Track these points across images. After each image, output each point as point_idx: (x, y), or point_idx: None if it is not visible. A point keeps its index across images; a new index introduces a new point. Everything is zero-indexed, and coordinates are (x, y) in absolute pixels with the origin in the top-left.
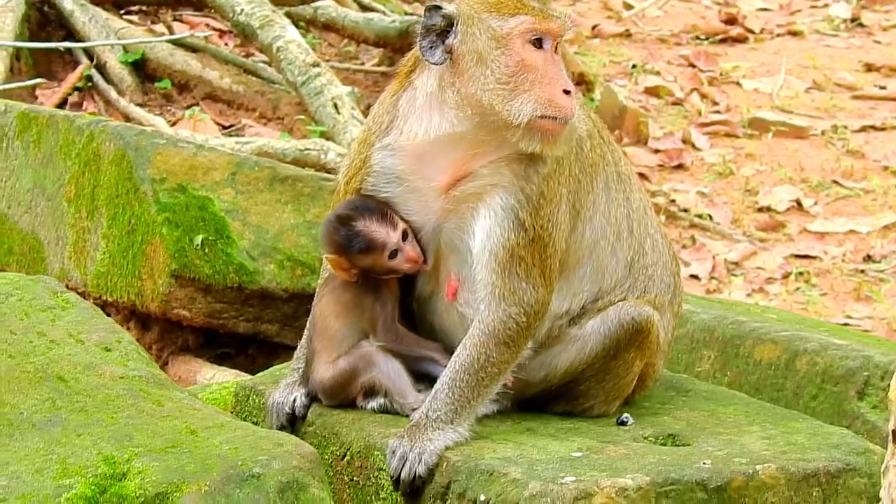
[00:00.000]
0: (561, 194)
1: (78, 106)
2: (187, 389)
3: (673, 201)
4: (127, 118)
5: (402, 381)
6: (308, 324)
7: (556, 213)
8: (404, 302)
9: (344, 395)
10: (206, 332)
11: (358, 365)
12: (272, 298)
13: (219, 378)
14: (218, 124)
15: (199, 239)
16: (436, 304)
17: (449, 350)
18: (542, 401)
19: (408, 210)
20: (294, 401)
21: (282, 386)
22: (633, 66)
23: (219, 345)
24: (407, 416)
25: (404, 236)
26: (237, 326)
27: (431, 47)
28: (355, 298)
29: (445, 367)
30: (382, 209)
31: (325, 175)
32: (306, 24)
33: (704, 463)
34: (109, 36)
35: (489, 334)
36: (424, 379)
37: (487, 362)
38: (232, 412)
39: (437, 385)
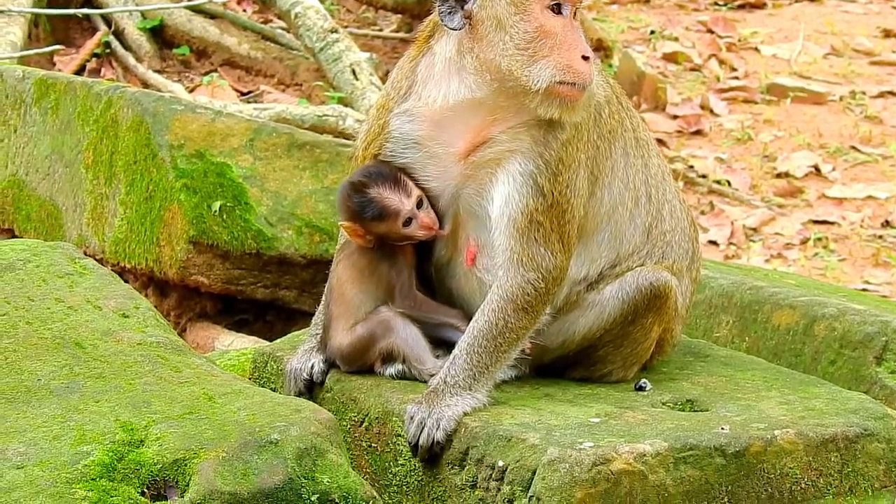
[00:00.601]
0: (579, 160)
1: (96, 72)
2: (205, 356)
3: (691, 167)
4: (145, 84)
5: (420, 346)
6: (325, 290)
7: (574, 179)
8: (422, 268)
9: (362, 361)
10: (223, 299)
11: (376, 331)
12: (290, 265)
13: (237, 344)
14: (236, 90)
15: (216, 205)
16: (454, 269)
17: (467, 316)
18: (560, 366)
19: (426, 176)
20: (312, 367)
21: (300, 352)
22: (652, 33)
23: (237, 311)
24: (425, 382)
25: (419, 203)
26: (255, 293)
27: (450, 12)
28: (371, 265)
29: (464, 333)
30: (396, 176)
31: (343, 141)
32: None
33: (723, 428)
34: (127, 2)
35: (507, 300)
36: (443, 345)
37: (505, 328)
38: (250, 379)
39: (456, 351)
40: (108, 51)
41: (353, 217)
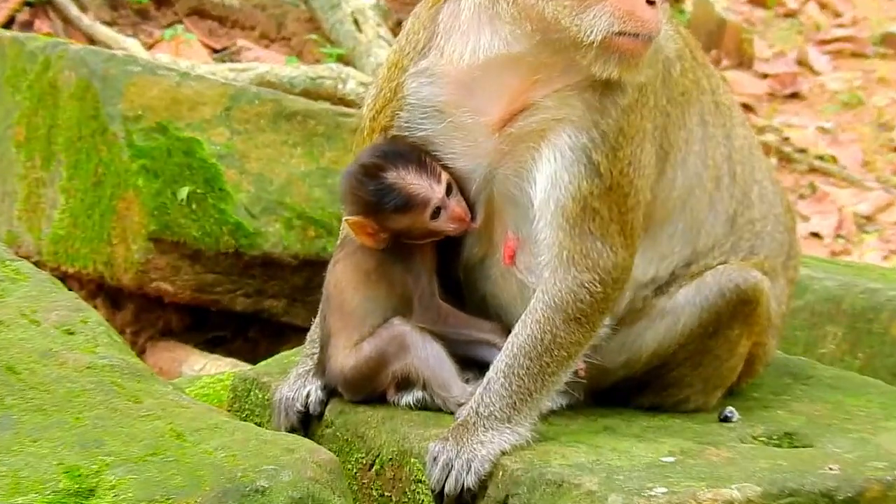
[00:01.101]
0: (644, 131)
1: (29, 25)
2: (171, 382)
3: (786, 139)
4: (91, 40)
5: (445, 368)
6: (322, 299)
7: (638, 155)
8: (447, 270)
9: (371, 387)
10: (193, 311)
11: (387, 349)
12: (278, 267)
13: (211, 369)
14: (207, 47)
15: (184, 192)
16: (488, 270)
17: (506, 329)
18: (623, 392)
19: (452, 153)
20: (307, 395)
21: (292, 377)
22: None
23: (210, 327)
24: (452, 413)
25: (448, 189)
26: (234, 303)
27: None
28: (381, 267)
29: (500, 350)
30: (420, 155)
31: (344, 109)
32: None
33: (830, 468)
34: None
35: (555, 308)
36: (474, 366)
37: (553, 344)
38: (229, 410)
39: (490, 373)
40: None
41: (367, 210)
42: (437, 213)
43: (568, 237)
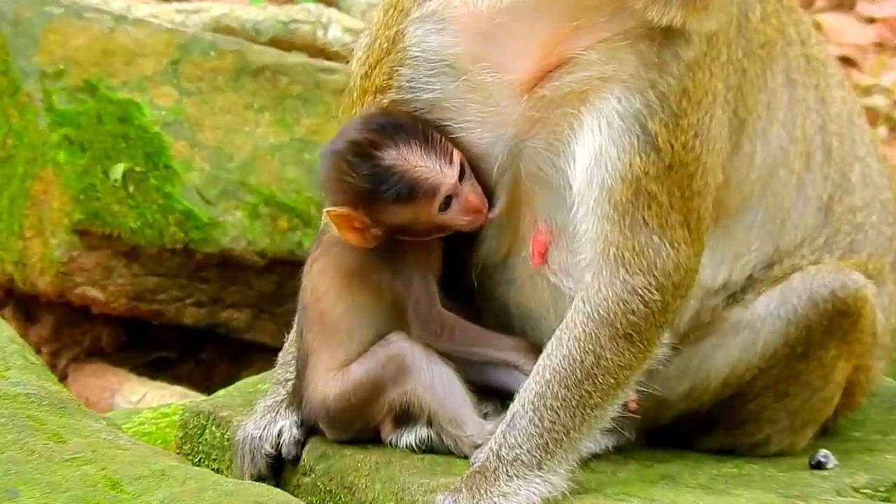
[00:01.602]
0: (715, 93)
1: None
2: (104, 417)
3: None
4: None
5: (457, 398)
6: (298, 309)
7: (707, 124)
8: (457, 271)
9: (361, 422)
10: (129, 325)
11: (383, 373)
12: (240, 268)
13: (153, 399)
14: None
15: (118, 170)
16: (512, 272)
17: (533, 348)
18: (686, 431)
19: (466, 121)
20: (279, 434)
21: (259, 411)
22: None
23: (152, 345)
24: (466, 456)
25: (461, 173)
26: (182, 315)
27: None
28: (363, 269)
29: (528, 375)
30: (425, 129)
31: (326, 64)
32: None
33: None
34: None
35: (600, 321)
36: (493, 396)
37: (597, 367)
38: (178, 452)
39: (516, 406)
40: None
41: (358, 200)
42: (447, 203)
43: (616, 229)
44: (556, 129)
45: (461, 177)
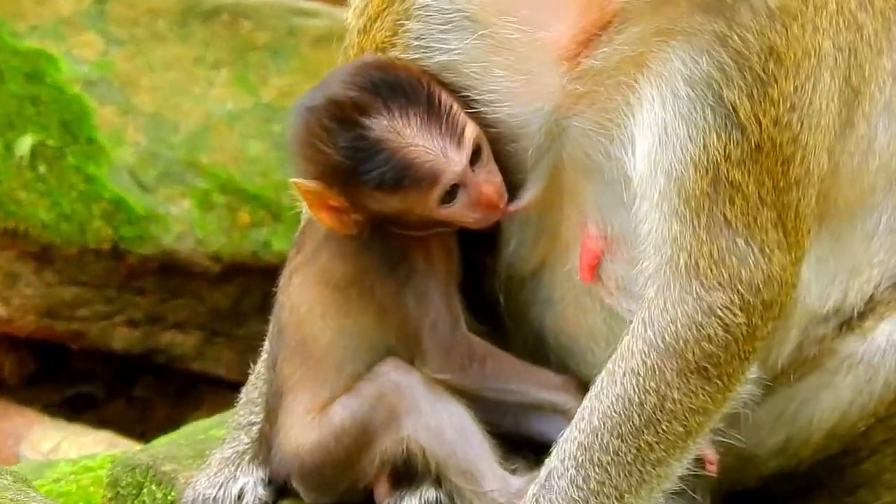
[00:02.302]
0: (818, 52)
1: None
2: (10, 470)
3: None
4: None
5: (472, 444)
6: (270, 333)
7: (808, 94)
8: (478, 285)
9: (347, 481)
10: (40, 351)
11: (371, 417)
12: (187, 276)
13: (71, 449)
14: None
15: (25, 145)
16: (550, 290)
17: (582, 386)
18: (778, 495)
19: (490, 91)
20: (241, 495)
21: (214, 464)
22: None
23: (69, 377)
24: None
25: (475, 156)
26: (109, 338)
27: None
28: (362, 279)
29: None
30: (434, 94)
31: (304, 6)
32: None
33: None
34: None
35: (665, 351)
36: (525, 449)
37: (660, 411)
38: None
39: (553, 461)
40: None
41: (333, 176)
42: (451, 194)
43: (688, 230)
44: (608, 106)
45: (474, 161)
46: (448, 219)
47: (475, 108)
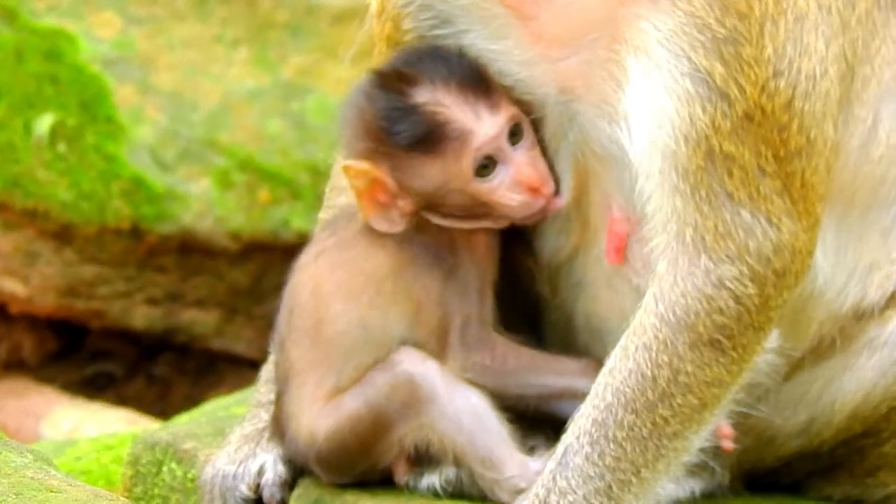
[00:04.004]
0: (797, 10)
1: None
2: (29, 448)
3: None
4: None
5: (490, 432)
6: (281, 312)
7: (794, 55)
8: (512, 279)
9: (364, 464)
10: (60, 330)
11: (387, 407)
12: (206, 254)
13: (90, 427)
14: None
15: (44, 123)
16: (583, 273)
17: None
18: (799, 475)
19: (510, 78)
20: (260, 471)
21: (233, 441)
22: None
23: (89, 356)
24: None
25: (515, 132)
26: (129, 316)
27: None
28: (401, 273)
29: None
30: (476, 69)
31: None
32: None
33: None
34: None
35: (676, 324)
36: (545, 425)
37: (674, 385)
38: (126, 495)
39: (568, 438)
40: None
41: (375, 147)
42: (487, 166)
43: (690, 205)
44: (603, 87)
45: (515, 141)
46: (488, 198)
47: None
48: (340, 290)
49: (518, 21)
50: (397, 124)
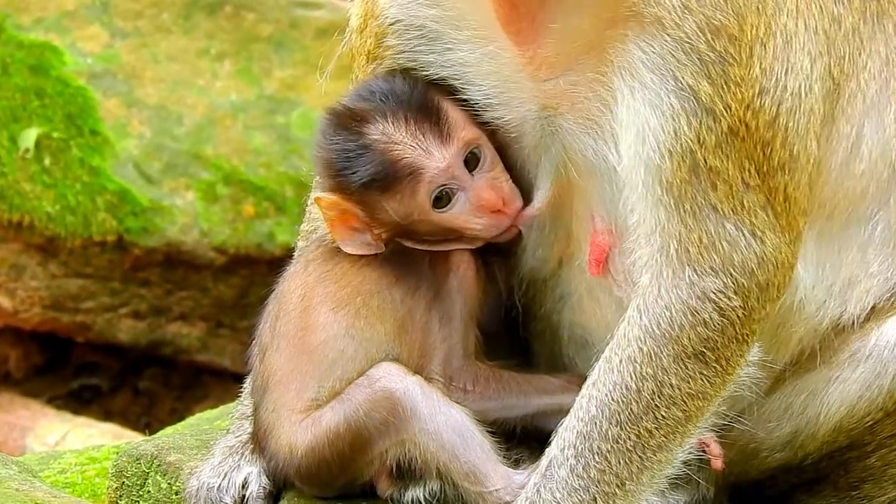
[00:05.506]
0: (787, 34)
1: None
2: (15, 461)
3: None
4: None
5: (473, 446)
6: (264, 318)
7: (777, 76)
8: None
9: (346, 478)
10: (46, 343)
11: (366, 423)
12: (191, 268)
13: (76, 440)
14: None
15: (30, 136)
16: (566, 285)
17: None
18: (783, 488)
19: (485, 98)
20: (245, 483)
21: (218, 454)
22: None
23: (75, 370)
24: None
25: (471, 159)
26: (114, 330)
27: None
28: (386, 293)
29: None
30: (428, 100)
31: None
32: None
33: None
34: None
35: (661, 337)
36: (529, 438)
37: (658, 397)
38: None
39: (552, 451)
40: None
41: (339, 183)
42: (442, 197)
43: (675, 218)
44: (587, 105)
45: (473, 166)
46: (452, 225)
47: (477, 113)
48: (329, 300)
49: (515, 45)
50: (352, 165)
